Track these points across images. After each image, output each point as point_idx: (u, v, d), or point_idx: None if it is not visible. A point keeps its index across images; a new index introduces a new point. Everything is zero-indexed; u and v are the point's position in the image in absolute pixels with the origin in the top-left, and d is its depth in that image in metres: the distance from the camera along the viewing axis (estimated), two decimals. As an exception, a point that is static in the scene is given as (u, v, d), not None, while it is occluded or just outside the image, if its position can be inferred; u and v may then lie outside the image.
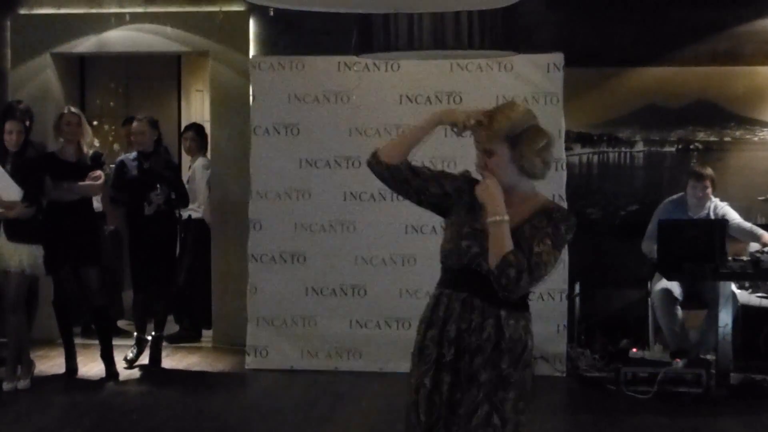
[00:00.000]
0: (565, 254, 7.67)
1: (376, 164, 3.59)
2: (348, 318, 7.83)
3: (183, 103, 11.13)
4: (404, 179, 3.57)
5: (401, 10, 5.31)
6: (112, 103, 10.41)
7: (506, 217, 3.35)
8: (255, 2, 4.21)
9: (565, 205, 7.69)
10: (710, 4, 8.37)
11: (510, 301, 3.42)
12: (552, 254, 3.38)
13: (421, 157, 3.71)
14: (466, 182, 3.58)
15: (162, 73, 10.96)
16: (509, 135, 3.37)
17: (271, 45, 8.59)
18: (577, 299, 8.06)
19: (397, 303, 7.69)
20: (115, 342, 7.88)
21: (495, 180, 3.42)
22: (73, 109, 7.77)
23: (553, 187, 7.69)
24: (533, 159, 3.40)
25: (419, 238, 7.63)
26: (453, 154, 6.68)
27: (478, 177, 3.52)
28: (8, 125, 7.33)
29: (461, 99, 7.67)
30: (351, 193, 7.81)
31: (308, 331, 7.87)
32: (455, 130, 3.53)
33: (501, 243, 3.32)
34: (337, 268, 7.85)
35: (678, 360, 7.17)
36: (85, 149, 7.49)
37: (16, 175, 7.14)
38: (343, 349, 7.81)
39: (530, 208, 3.45)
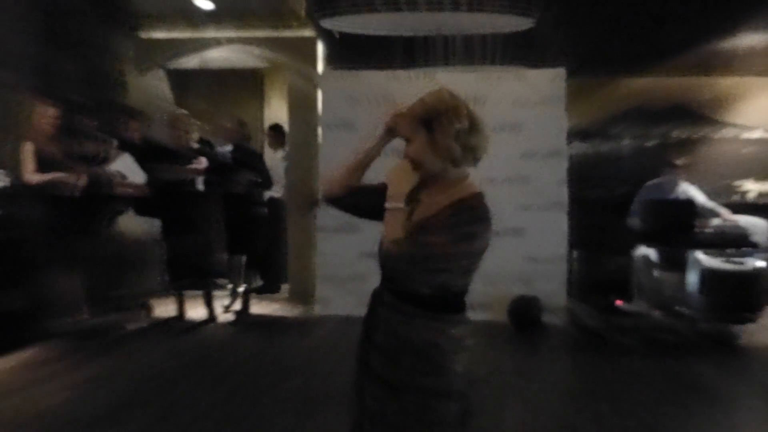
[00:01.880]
0: (564, 226, 7.66)
1: (325, 202, 2.85)
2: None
3: (265, 108, 11.13)
4: (353, 205, 2.86)
5: (438, 33, 5.23)
6: (209, 108, 10.46)
7: (400, 205, 2.68)
8: (324, 26, 4.12)
9: (565, 189, 7.66)
10: (684, 28, 8.22)
11: (417, 295, 2.64)
12: (449, 248, 2.55)
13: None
14: None
15: (248, 85, 10.97)
16: (424, 119, 2.62)
17: (334, 62, 8.57)
18: (574, 262, 7.98)
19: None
20: (215, 293, 7.92)
21: (403, 165, 2.73)
22: (183, 112, 7.80)
23: (555, 173, 7.64)
24: (449, 143, 2.59)
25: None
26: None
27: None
28: (132, 124, 7.38)
29: (485, 103, 7.55)
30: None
31: (361, 286, 7.79)
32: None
33: (391, 230, 2.68)
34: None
35: (656, 312, 7.15)
36: (189, 143, 7.48)
37: (140, 164, 7.15)
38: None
39: (448, 198, 2.62)
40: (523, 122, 7.62)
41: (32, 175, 6.58)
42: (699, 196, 7.62)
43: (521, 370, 6.20)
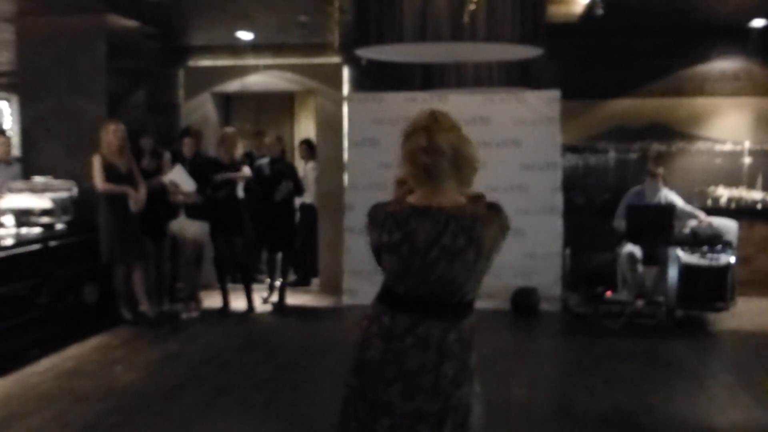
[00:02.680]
0: (559, 227, 7.72)
1: None
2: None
3: (295, 126, 11.24)
4: None
5: (455, 61, 5.35)
6: (248, 126, 10.58)
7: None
8: (354, 55, 4.26)
9: (559, 196, 7.71)
10: (661, 55, 8.34)
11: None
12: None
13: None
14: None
15: (281, 105, 11.10)
16: (403, 139, 2.36)
17: (358, 85, 8.67)
18: (568, 258, 8.07)
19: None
20: (254, 287, 8.00)
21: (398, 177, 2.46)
22: (231, 129, 7.90)
23: (551, 182, 7.73)
24: (410, 162, 2.34)
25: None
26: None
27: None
28: (186, 140, 7.49)
29: (490, 122, 7.71)
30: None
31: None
32: None
33: None
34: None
35: (639, 301, 7.20)
36: (236, 156, 7.64)
37: (192, 174, 7.25)
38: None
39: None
40: (523, 138, 7.71)
41: (102, 184, 6.75)
42: (677, 201, 7.64)
43: (522, 351, 6.33)
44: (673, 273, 7.13)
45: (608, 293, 7.44)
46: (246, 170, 7.52)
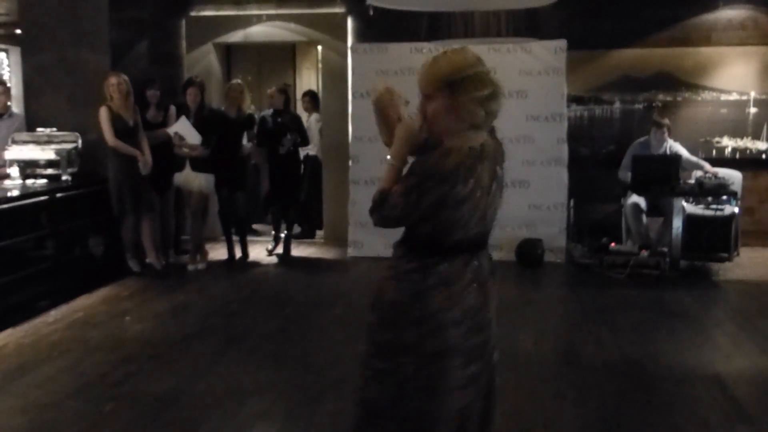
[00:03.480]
0: (564, 178, 7.73)
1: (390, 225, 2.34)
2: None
3: (297, 77, 11.16)
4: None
5: (465, 8, 5.29)
6: (250, 78, 10.50)
7: (394, 162, 2.31)
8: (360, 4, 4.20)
9: (565, 147, 7.70)
10: (668, 4, 8.22)
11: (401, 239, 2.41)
12: (401, 197, 2.24)
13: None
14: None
15: (283, 56, 10.99)
16: (449, 80, 2.21)
17: (363, 36, 8.56)
18: (572, 209, 8.08)
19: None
20: (259, 239, 8.01)
21: (409, 124, 2.35)
22: (238, 81, 7.82)
23: (556, 133, 7.71)
24: (473, 107, 2.23)
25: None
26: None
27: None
28: (190, 90, 7.42)
29: (496, 72, 7.60)
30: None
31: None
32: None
33: (382, 180, 2.32)
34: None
35: (643, 251, 7.20)
36: (244, 109, 7.52)
37: (197, 127, 7.18)
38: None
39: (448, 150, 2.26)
40: (529, 89, 7.64)
41: (113, 140, 6.69)
42: (682, 151, 7.63)
43: (527, 301, 6.38)
44: (677, 223, 7.16)
45: (612, 244, 7.43)
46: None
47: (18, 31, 7.72)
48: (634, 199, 7.54)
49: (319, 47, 9.05)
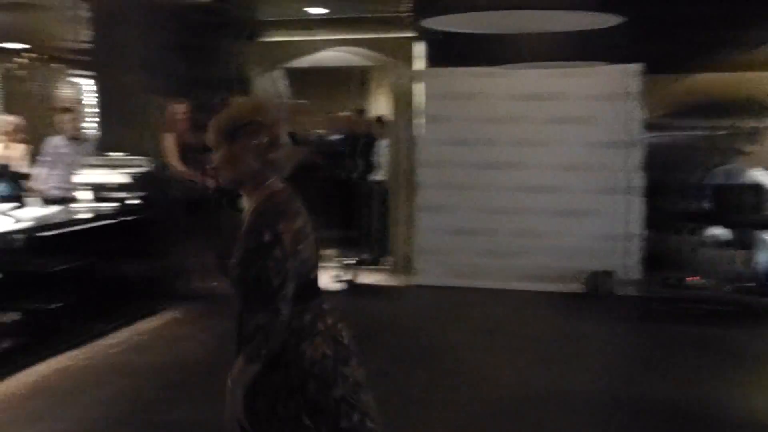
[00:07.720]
0: (639, 208, 7.49)
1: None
2: (481, 248, 7.74)
3: (369, 102, 11.18)
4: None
5: (529, 31, 5.19)
6: (319, 101, 10.56)
7: None
8: (429, 28, 4.15)
9: (640, 175, 7.42)
10: (753, 24, 7.88)
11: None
12: (250, 269, 2.19)
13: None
14: None
15: (353, 81, 11.03)
16: (226, 130, 2.20)
17: (431, 60, 8.45)
18: (647, 240, 7.77)
19: (513, 239, 7.61)
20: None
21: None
22: (303, 102, 7.85)
23: (629, 160, 7.48)
24: (247, 157, 2.19)
25: (530, 196, 7.55)
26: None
27: None
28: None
29: (567, 97, 7.47)
30: (486, 162, 7.66)
31: (454, 258, 7.84)
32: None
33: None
34: (475, 216, 7.76)
35: (725, 286, 6.91)
36: (310, 131, 7.51)
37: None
38: (477, 271, 7.68)
39: (250, 208, 2.24)
40: (599, 114, 7.46)
41: (180, 165, 6.85)
42: (766, 181, 7.35)
43: (585, 336, 6.16)
44: (764, 258, 6.83)
45: (690, 278, 7.13)
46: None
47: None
48: (716, 230, 7.24)
49: (385, 72, 9.02)
